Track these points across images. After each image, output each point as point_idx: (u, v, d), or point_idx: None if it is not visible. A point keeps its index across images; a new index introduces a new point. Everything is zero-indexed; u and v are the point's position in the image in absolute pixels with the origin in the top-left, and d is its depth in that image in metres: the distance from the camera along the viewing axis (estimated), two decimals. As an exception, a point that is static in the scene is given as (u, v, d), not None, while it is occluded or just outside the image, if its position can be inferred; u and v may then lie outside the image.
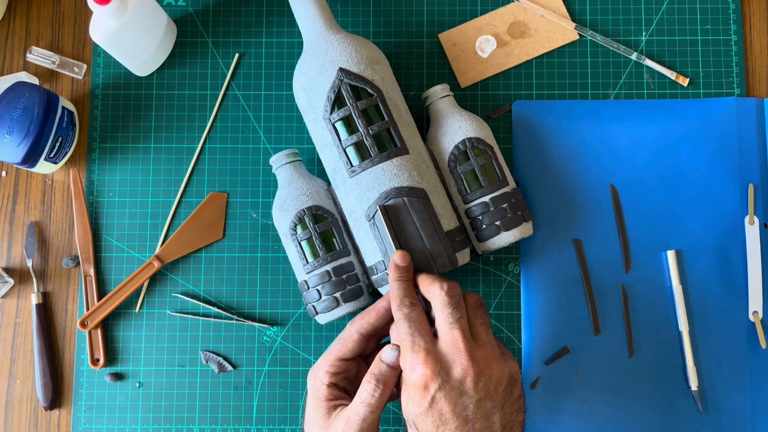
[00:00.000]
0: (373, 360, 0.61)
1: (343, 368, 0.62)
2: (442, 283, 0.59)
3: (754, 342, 0.73)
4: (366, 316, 0.63)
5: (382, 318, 0.62)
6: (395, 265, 0.62)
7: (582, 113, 0.76)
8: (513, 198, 0.69)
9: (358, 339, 0.62)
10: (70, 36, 0.78)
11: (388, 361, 0.59)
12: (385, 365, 0.59)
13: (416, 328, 0.58)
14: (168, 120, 0.77)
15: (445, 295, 0.58)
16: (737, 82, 0.76)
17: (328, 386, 0.61)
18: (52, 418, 0.74)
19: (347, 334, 0.63)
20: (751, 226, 0.74)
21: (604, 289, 0.73)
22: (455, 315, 0.58)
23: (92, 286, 0.74)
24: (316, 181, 0.71)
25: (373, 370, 0.59)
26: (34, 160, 0.71)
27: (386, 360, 0.59)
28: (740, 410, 0.72)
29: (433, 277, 0.61)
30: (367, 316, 0.62)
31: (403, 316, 0.58)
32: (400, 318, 0.59)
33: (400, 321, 0.59)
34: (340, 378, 0.62)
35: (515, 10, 0.77)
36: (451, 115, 0.71)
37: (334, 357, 0.62)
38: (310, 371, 0.63)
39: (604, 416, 0.72)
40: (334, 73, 0.67)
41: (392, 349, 0.59)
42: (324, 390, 0.61)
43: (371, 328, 0.62)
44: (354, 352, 0.62)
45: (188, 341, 0.74)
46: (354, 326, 0.63)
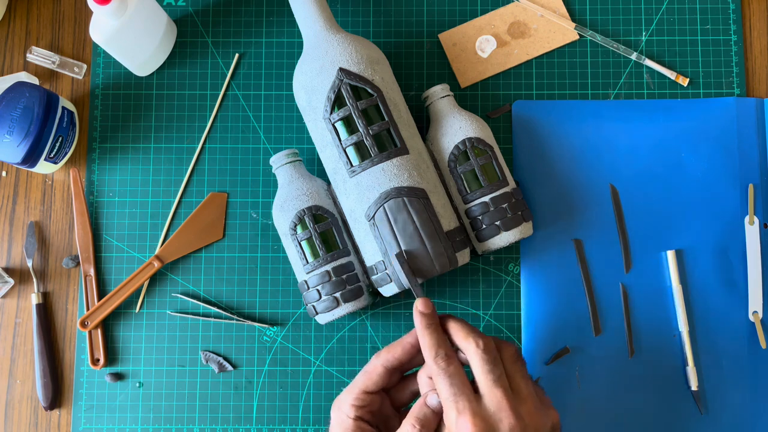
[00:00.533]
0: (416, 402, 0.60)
1: (368, 401, 0.62)
2: (478, 340, 0.59)
3: (754, 342, 0.73)
4: (392, 350, 0.62)
5: (408, 353, 0.62)
6: (420, 312, 0.61)
7: (582, 113, 0.76)
8: (513, 198, 0.69)
9: (383, 372, 0.62)
10: (70, 36, 0.78)
11: (432, 407, 0.59)
12: (430, 410, 0.59)
13: (458, 387, 0.57)
14: (168, 120, 0.77)
15: (483, 353, 0.58)
16: (737, 82, 0.76)
17: (355, 420, 0.61)
18: (52, 418, 0.74)
19: (372, 367, 0.62)
20: (751, 226, 0.74)
21: (604, 289, 0.73)
22: (495, 372, 0.58)
23: (92, 286, 0.74)
24: (316, 181, 0.71)
25: (417, 414, 0.59)
26: (34, 160, 0.71)
27: (431, 405, 0.59)
28: (740, 410, 0.72)
29: (467, 330, 0.60)
30: (393, 350, 0.62)
31: (442, 372, 0.58)
32: (438, 373, 0.58)
33: (438, 376, 0.58)
34: (365, 411, 0.62)
35: (515, 10, 0.77)
36: (451, 115, 0.71)
37: (359, 390, 0.62)
38: (334, 403, 0.63)
39: (605, 416, 0.72)
40: (334, 73, 0.67)
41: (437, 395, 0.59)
42: (351, 424, 0.61)
43: (397, 363, 0.62)
44: (379, 385, 0.62)
45: (188, 341, 0.74)
46: (380, 360, 0.62)
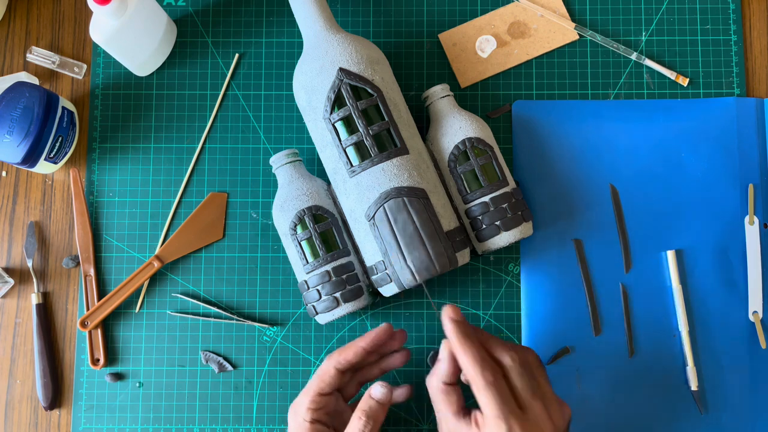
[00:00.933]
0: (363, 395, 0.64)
1: (323, 403, 0.64)
2: (512, 353, 0.60)
3: (754, 342, 0.73)
4: (344, 353, 0.65)
5: (360, 356, 0.65)
6: (453, 320, 0.61)
7: (582, 113, 0.76)
8: (513, 198, 0.69)
9: (335, 374, 0.64)
10: (70, 36, 0.78)
11: (377, 398, 0.63)
12: (375, 402, 0.63)
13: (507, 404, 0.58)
14: (168, 120, 0.77)
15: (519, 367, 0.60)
16: (737, 82, 0.76)
17: (312, 423, 0.64)
18: (52, 418, 0.74)
19: (324, 370, 0.65)
20: (751, 226, 0.74)
21: (604, 289, 0.73)
22: (533, 385, 0.60)
23: (92, 286, 0.74)
24: (316, 181, 0.71)
25: (363, 407, 0.63)
26: (34, 160, 0.71)
27: (375, 396, 0.63)
28: (740, 410, 0.72)
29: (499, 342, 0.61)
30: (345, 353, 0.65)
31: (489, 385, 0.58)
32: (484, 386, 0.58)
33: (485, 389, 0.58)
34: (321, 413, 0.64)
35: (515, 10, 0.77)
36: (451, 115, 0.71)
37: (313, 393, 0.64)
38: (291, 408, 0.65)
39: (605, 416, 0.72)
40: (334, 73, 0.67)
41: (382, 387, 0.63)
42: (307, 427, 0.63)
43: (348, 365, 0.65)
44: (332, 386, 0.64)
45: (188, 341, 0.74)
46: (331, 362, 0.65)
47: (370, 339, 0.65)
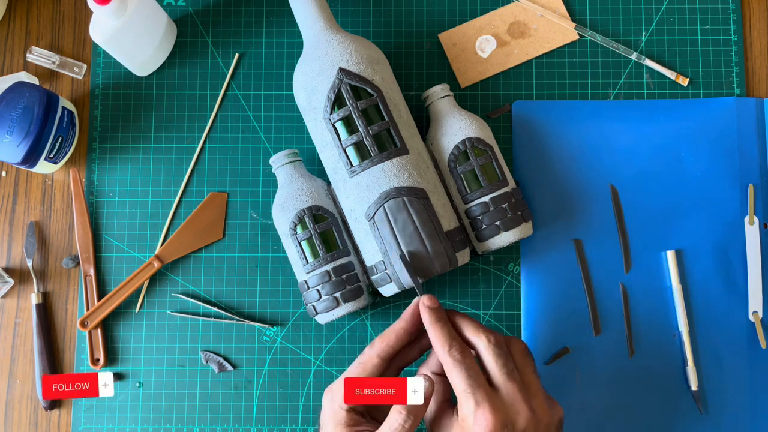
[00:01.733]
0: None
1: None
2: (489, 335, 0.60)
3: (754, 342, 0.73)
4: (386, 339, 0.62)
5: (402, 340, 0.62)
6: (428, 307, 0.61)
7: (582, 113, 0.76)
8: (513, 198, 0.69)
9: (378, 363, 0.61)
10: (70, 36, 0.78)
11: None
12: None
13: (475, 379, 0.57)
14: (168, 120, 0.77)
15: (494, 347, 0.59)
16: (737, 82, 0.76)
17: (348, 411, 0.60)
18: (52, 418, 0.74)
19: (367, 358, 0.62)
20: (751, 226, 0.74)
21: (604, 289, 0.73)
22: (509, 367, 0.59)
23: (92, 286, 0.74)
24: (316, 181, 0.71)
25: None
26: (34, 160, 0.71)
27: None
28: (740, 410, 0.72)
29: (476, 325, 0.61)
30: (386, 339, 0.62)
31: (458, 363, 0.58)
32: (453, 364, 0.58)
33: (454, 368, 0.58)
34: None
35: (515, 10, 0.77)
36: (451, 115, 0.71)
37: None
38: (326, 393, 0.62)
39: (605, 416, 0.72)
40: (334, 73, 0.67)
41: (424, 380, 0.59)
42: (344, 415, 0.60)
43: (392, 351, 0.62)
44: (373, 375, 0.62)
45: (188, 341, 0.74)
46: (374, 350, 0.62)
47: (409, 318, 0.62)
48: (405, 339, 0.62)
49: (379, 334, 0.63)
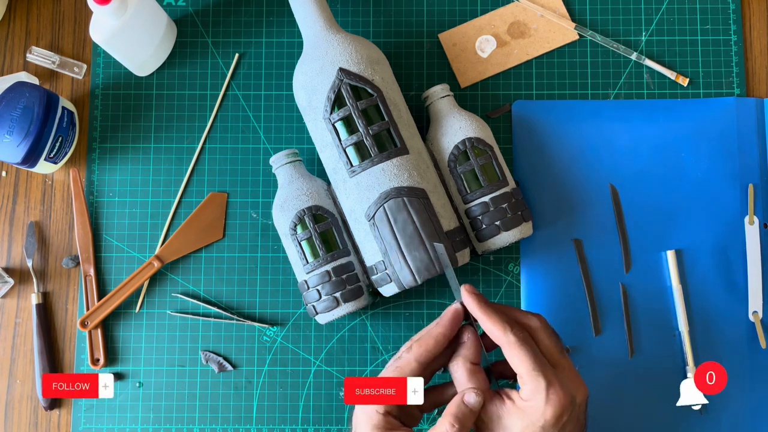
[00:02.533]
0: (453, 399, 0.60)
1: None
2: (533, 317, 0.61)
3: (754, 342, 0.73)
4: (424, 344, 0.61)
5: (441, 345, 0.61)
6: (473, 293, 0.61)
7: (582, 113, 0.76)
8: (513, 198, 0.69)
9: (416, 367, 0.61)
10: (70, 36, 0.78)
11: (471, 405, 0.59)
12: (468, 408, 0.59)
13: (540, 358, 0.58)
14: (168, 120, 0.77)
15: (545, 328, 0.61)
16: (737, 82, 0.76)
17: (384, 415, 0.60)
18: (52, 418, 0.74)
19: (405, 362, 0.61)
20: (751, 226, 0.74)
21: (604, 289, 0.73)
22: (560, 345, 0.61)
23: (92, 286, 0.74)
24: (316, 181, 0.71)
25: (455, 412, 0.59)
26: (34, 160, 0.71)
27: (469, 404, 0.59)
28: (740, 410, 0.72)
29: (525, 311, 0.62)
30: (425, 344, 0.61)
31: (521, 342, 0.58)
32: (515, 344, 0.58)
33: (517, 347, 0.58)
34: (395, 406, 0.61)
35: (515, 10, 0.77)
36: (451, 115, 0.71)
37: None
38: None
39: (604, 416, 0.72)
40: (334, 73, 0.67)
41: (476, 394, 0.59)
42: (380, 419, 0.60)
43: (430, 356, 0.61)
44: None
45: (188, 341, 0.74)
46: (412, 354, 0.61)
47: (448, 323, 0.61)
48: (443, 344, 0.61)
49: (416, 338, 0.62)
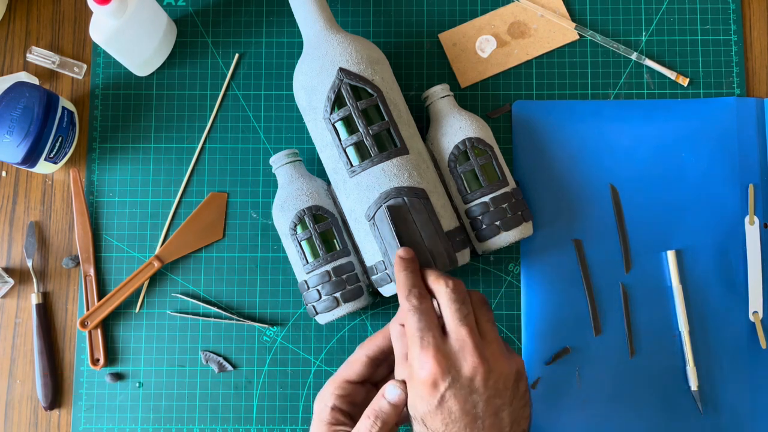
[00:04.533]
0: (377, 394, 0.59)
1: (349, 391, 0.61)
2: (448, 280, 0.59)
3: (754, 342, 0.73)
4: (374, 338, 0.62)
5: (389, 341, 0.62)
6: (400, 257, 0.62)
7: (582, 113, 0.76)
8: (513, 198, 0.69)
9: (366, 362, 0.62)
10: (70, 36, 0.78)
11: (390, 399, 0.58)
12: (387, 403, 0.58)
13: (426, 322, 0.57)
14: (168, 120, 0.77)
15: (451, 292, 0.58)
16: (737, 82, 0.76)
17: (332, 409, 0.60)
18: (52, 418, 0.74)
19: (355, 357, 0.62)
20: (751, 226, 0.74)
21: (604, 289, 0.73)
22: (462, 312, 0.57)
23: (92, 286, 0.74)
24: (316, 181, 0.71)
25: (374, 406, 0.58)
26: (34, 160, 0.71)
27: (388, 397, 0.58)
28: (740, 410, 0.72)
29: (437, 274, 0.60)
30: (374, 339, 0.62)
31: (413, 308, 0.58)
32: (408, 309, 0.58)
33: (409, 312, 0.58)
34: (345, 401, 0.61)
35: (515, 10, 0.77)
36: (451, 115, 0.71)
37: (341, 379, 0.62)
38: (319, 393, 0.63)
39: (605, 416, 0.72)
40: (334, 73, 0.67)
41: (396, 387, 0.58)
42: (327, 413, 0.60)
43: (378, 351, 0.62)
44: (361, 375, 0.62)
45: (188, 341, 0.74)
46: (362, 349, 0.62)
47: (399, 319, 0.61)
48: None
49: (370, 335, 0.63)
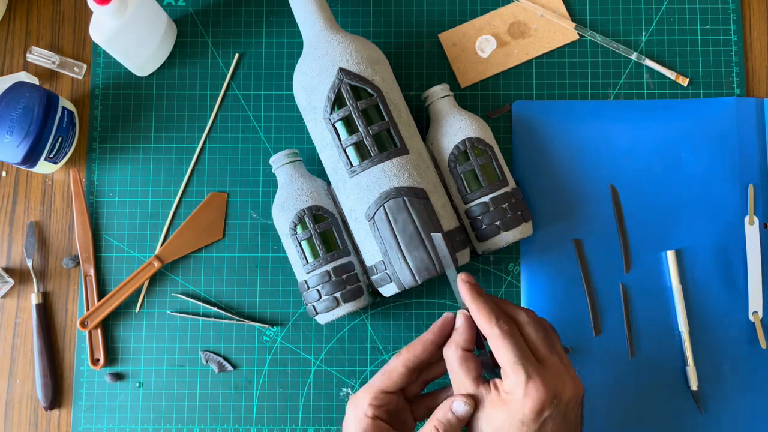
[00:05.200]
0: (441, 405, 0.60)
1: (386, 401, 0.61)
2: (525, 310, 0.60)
3: (754, 342, 0.73)
4: (412, 349, 0.62)
5: (429, 352, 0.62)
6: (467, 283, 0.61)
7: (582, 113, 0.76)
8: (513, 198, 0.69)
9: (404, 372, 0.61)
10: (70, 36, 0.78)
11: (458, 414, 0.59)
12: (455, 417, 0.59)
13: (524, 351, 0.57)
14: (168, 120, 0.77)
15: (535, 322, 0.59)
16: (737, 82, 0.76)
17: (373, 419, 0.60)
18: (52, 418, 0.74)
19: (392, 367, 0.62)
20: (751, 226, 0.74)
21: (604, 289, 0.73)
22: (549, 340, 0.59)
23: (92, 286, 0.74)
24: (316, 181, 0.71)
25: (441, 418, 0.59)
26: (34, 160, 0.71)
27: (457, 412, 0.59)
28: (740, 410, 0.72)
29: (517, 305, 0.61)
30: (413, 350, 0.62)
31: (505, 334, 0.58)
32: (500, 336, 0.58)
33: (501, 339, 0.57)
34: (382, 411, 0.61)
35: (515, 10, 0.77)
36: (451, 115, 0.71)
37: (377, 389, 0.61)
38: (351, 400, 0.62)
39: (605, 416, 0.72)
40: (334, 73, 0.67)
41: (465, 404, 0.59)
42: (368, 423, 0.60)
43: (418, 362, 0.62)
44: (398, 385, 0.62)
45: (188, 341, 0.74)
46: (400, 359, 0.62)
47: (437, 330, 0.62)
48: (432, 350, 0.62)
49: (407, 345, 0.62)
